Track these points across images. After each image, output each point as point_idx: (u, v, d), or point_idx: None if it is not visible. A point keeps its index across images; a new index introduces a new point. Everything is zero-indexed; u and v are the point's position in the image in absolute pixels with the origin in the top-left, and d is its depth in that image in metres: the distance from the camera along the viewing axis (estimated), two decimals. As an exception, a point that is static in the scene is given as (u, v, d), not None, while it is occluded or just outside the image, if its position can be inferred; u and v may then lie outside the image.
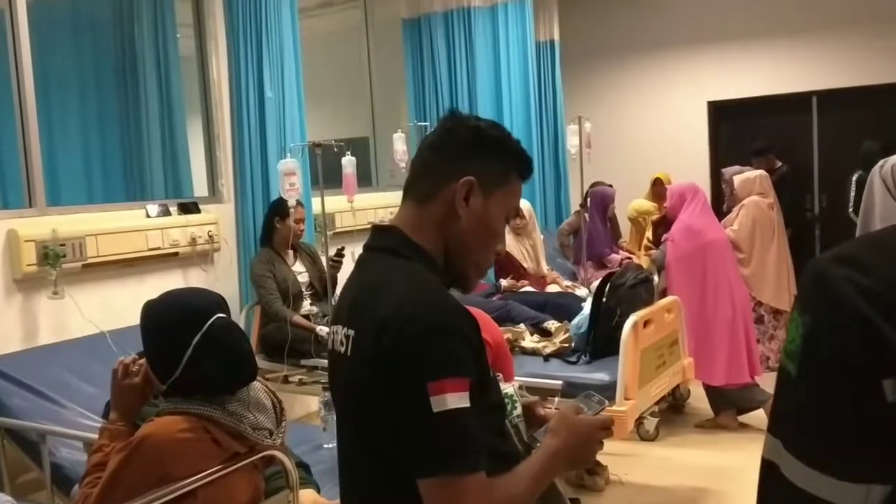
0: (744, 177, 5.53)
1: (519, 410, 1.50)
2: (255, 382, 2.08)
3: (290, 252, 4.63)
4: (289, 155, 4.18)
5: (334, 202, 4.68)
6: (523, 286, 5.23)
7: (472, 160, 1.37)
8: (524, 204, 5.49)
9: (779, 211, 5.64)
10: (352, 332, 1.32)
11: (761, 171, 5.71)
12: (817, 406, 0.81)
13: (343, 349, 1.34)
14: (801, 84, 7.52)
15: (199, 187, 5.13)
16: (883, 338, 0.76)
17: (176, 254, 4.40)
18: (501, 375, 1.62)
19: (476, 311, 3.11)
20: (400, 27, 6.65)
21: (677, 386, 4.54)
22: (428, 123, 6.12)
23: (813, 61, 7.44)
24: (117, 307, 3.96)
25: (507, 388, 1.53)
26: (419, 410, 1.18)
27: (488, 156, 1.38)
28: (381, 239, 1.41)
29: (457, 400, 1.18)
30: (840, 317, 0.79)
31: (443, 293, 1.31)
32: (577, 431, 1.37)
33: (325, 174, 3.84)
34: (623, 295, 3.88)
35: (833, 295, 0.80)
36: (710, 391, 4.82)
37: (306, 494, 2.25)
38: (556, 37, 7.54)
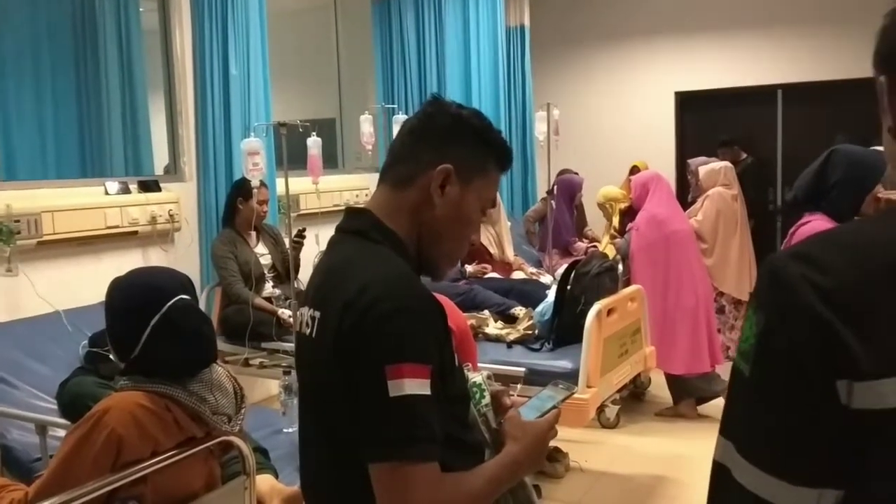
0: (709, 168, 5.56)
1: (487, 399, 1.47)
2: (217, 367, 2.06)
3: (253, 233, 4.56)
4: (252, 134, 4.10)
5: (299, 183, 4.59)
6: (488, 272, 5.22)
7: (451, 148, 1.34)
8: (490, 191, 5.46)
9: (742, 202, 5.69)
10: (317, 314, 1.29)
11: (726, 163, 5.75)
12: (769, 408, 0.79)
13: (309, 331, 1.31)
14: (766, 77, 7.59)
15: (161, 165, 5.03)
16: (837, 338, 0.74)
17: (135, 233, 4.32)
18: (470, 365, 1.59)
19: (440, 298, 3.09)
20: (369, 7, 6.57)
21: (638, 374, 4.57)
22: (396, 106, 6.06)
23: (779, 55, 7.52)
24: (73, 286, 3.87)
25: (476, 377, 1.50)
26: (375, 393, 1.16)
27: (468, 145, 1.35)
28: (352, 221, 1.38)
29: (415, 386, 1.15)
30: (794, 316, 0.77)
31: (409, 278, 1.28)
32: (535, 435, 1.36)
33: (289, 155, 3.78)
34: (587, 283, 3.88)
35: (788, 293, 0.78)
36: (671, 380, 4.87)
37: (264, 480, 2.21)
38: (527, 22, 7.51)
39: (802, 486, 0.76)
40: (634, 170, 6.53)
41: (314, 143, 3.91)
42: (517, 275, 5.46)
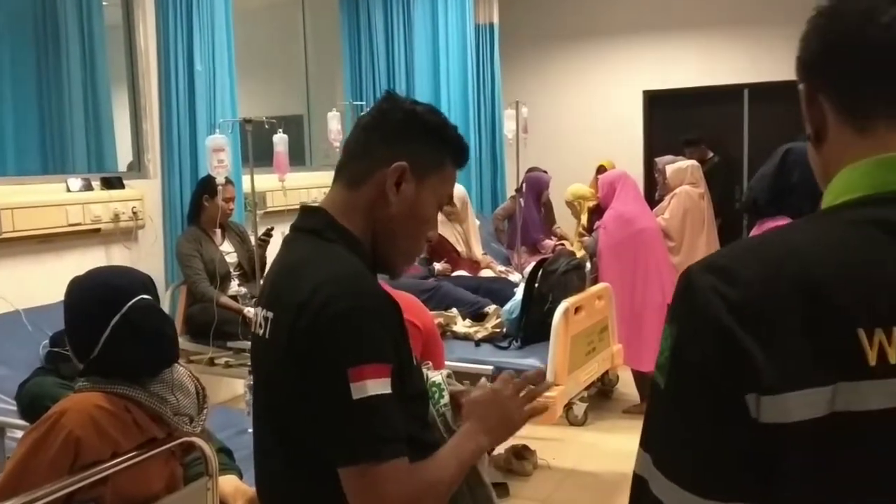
0: (676, 166, 5.60)
1: (446, 399, 1.47)
2: (179, 367, 2.03)
3: (218, 231, 4.51)
4: (218, 131, 4.06)
5: (266, 181, 4.57)
6: (456, 270, 5.22)
7: (406, 145, 1.33)
8: (457, 189, 5.47)
9: (709, 201, 5.73)
10: (270, 315, 1.28)
11: (693, 161, 5.80)
12: (682, 421, 0.79)
13: (262, 332, 1.29)
14: (733, 77, 7.67)
15: (124, 162, 4.95)
16: (744, 352, 0.74)
17: (98, 230, 4.25)
18: (431, 363, 1.58)
19: (407, 296, 3.07)
20: (337, 3, 6.53)
21: (606, 371, 4.59)
22: (364, 103, 6.03)
23: (745, 55, 7.60)
24: (34, 284, 3.79)
25: (435, 377, 1.50)
26: (338, 397, 1.15)
27: (423, 141, 1.34)
28: (306, 220, 1.37)
29: (378, 386, 1.15)
30: (702, 328, 0.77)
31: (364, 277, 1.26)
32: (488, 404, 1.36)
33: (256, 152, 3.75)
34: (555, 281, 3.89)
35: (697, 305, 0.78)
36: (639, 377, 4.89)
37: (228, 480, 2.19)
38: (496, 20, 7.51)
39: (715, 501, 0.76)
40: (601, 169, 6.57)
41: (280, 139, 3.88)
42: (485, 273, 5.45)
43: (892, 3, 0.81)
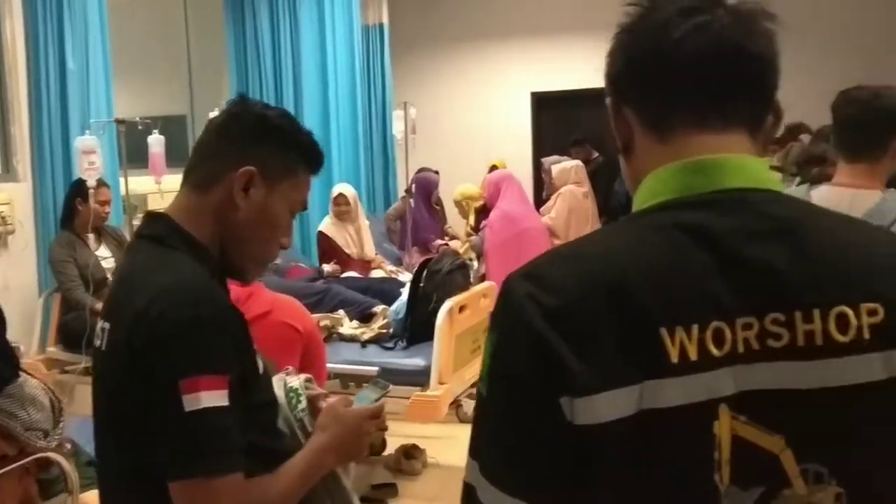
0: (561, 166, 5.74)
1: (304, 404, 1.45)
2: (31, 379, 1.93)
3: (91, 236, 4.33)
4: (89, 132, 3.90)
5: (144, 183, 4.44)
6: (346, 271, 5.20)
7: (256, 149, 1.30)
8: (348, 190, 5.46)
9: (593, 199, 5.90)
10: (107, 326, 1.24)
11: (577, 162, 5.96)
12: (503, 428, 0.81)
13: (100, 343, 1.25)
14: (617, 79, 7.89)
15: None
16: (558, 356, 0.77)
17: (-38, 236, 4.03)
18: (291, 368, 1.56)
19: (287, 299, 3.03)
20: (221, 1, 6.38)
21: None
22: (250, 103, 5.91)
23: (629, 57, 7.83)
24: None
25: (293, 382, 1.48)
26: (171, 409, 1.12)
27: (273, 146, 1.32)
28: (149, 226, 1.33)
29: (213, 398, 1.12)
30: (518, 335, 0.79)
31: (204, 285, 1.23)
32: (345, 424, 1.35)
33: (139, 153, 3.62)
34: (439, 280, 3.92)
35: (515, 313, 0.80)
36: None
37: (94, 496, 2.10)
38: (386, 21, 7.51)
39: None
40: (493, 169, 6.66)
41: (156, 140, 3.77)
42: (377, 273, 5.45)
43: (686, 17, 0.84)
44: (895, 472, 0.81)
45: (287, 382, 1.47)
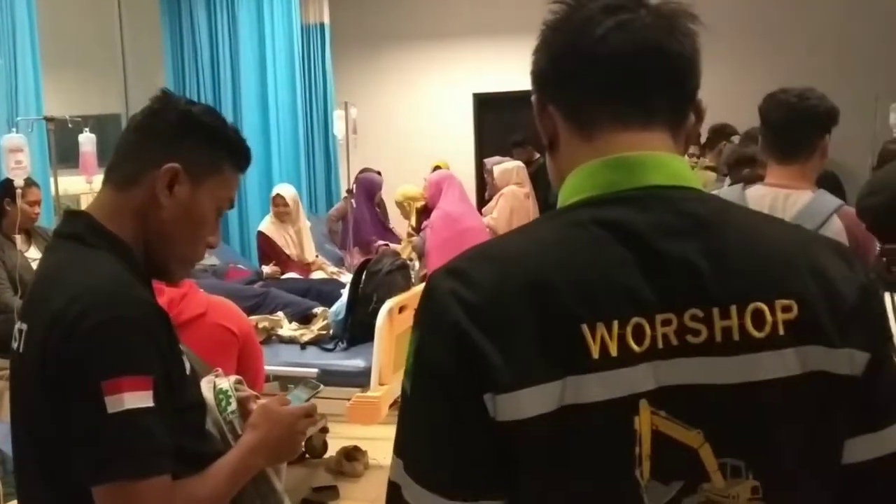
0: (502, 167, 5.78)
1: (234, 406, 1.43)
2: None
3: (21, 237, 4.20)
4: (15, 130, 3.79)
5: (77, 183, 4.32)
6: (286, 273, 5.14)
7: (180, 146, 1.27)
8: (286, 191, 5.40)
9: (534, 200, 5.95)
10: (24, 327, 1.20)
11: (518, 163, 6.01)
12: (426, 425, 0.81)
13: (17, 345, 1.21)
14: (558, 81, 7.98)
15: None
16: (481, 353, 0.77)
17: None
18: (221, 370, 1.53)
19: (222, 301, 2.99)
20: (157, -1, 6.27)
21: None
22: (188, 102, 5.81)
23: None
24: None
25: (222, 384, 1.45)
26: (93, 412, 1.09)
27: (198, 142, 1.29)
28: (69, 225, 1.29)
29: (136, 399, 1.09)
30: (440, 331, 0.79)
31: (126, 285, 1.20)
32: (277, 423, 1.34)
33: (69, 152, 3.53)
34: (379, 281, 3.91)
35: (437, 310, 0.80)
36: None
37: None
38: (327, 20, 7.45)
39: (462, 502, 0.78)
40: (437, 169, 6.68)
41: (87, 139, 3.69)
42: (318, 274, 5.41)
43: (609, 15, 0.84)
44: (809, 466, 0.83)
45: (216, 384, 1.45)
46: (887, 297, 1.88)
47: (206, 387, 1.43)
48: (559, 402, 0.76)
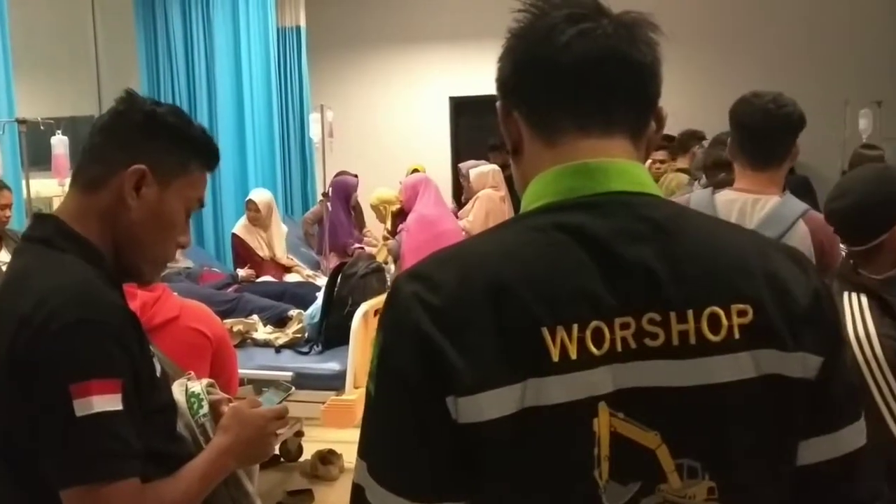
0: (478, 171, 5.80)
1: (206, 409, 1.43)
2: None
3: (-9, 241, 4.16)
4: (-14, 132, 3.76)
5: (49, 185, 4.29)
6: (261, 276, 5.13)
7: (146, 147, 1.27)
8: (259, 196, 5.40)
9: (510, 204, 5.98)
10: None
11: (494, 166, 6.03)
12: (389, 427, 0.82)
13: None
14: (533, 85, 8.02)
15: None
16: (443, 356, 0.78)
17: None
18: (193, 373, 1.53)
19: (195, 304, 2.97)
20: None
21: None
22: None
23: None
24: None
25: (194, 387, 1.46)
26: (61, 415, 1.08)
27: (164, 144, 1.29)
28: (36, 228, 1.28)
29: (105, 402, 1.09)
30: (403, 334, 0.80)
31: (94, 288, 1.19)
32: (248, 425, 1.34)
33: (42, 154, 3.49)
34: (355, 284, 3.91)
35: (401, 313, 0.81)
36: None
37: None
38: (303, 23, 7.44)
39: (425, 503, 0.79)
40: (414, 173, 6.68)
41: (60, 141, 3.66)
42: (293, 277, 5.40)
43: (572, 23, 0.86)
44: (764, 468, 0.85)
45: (188, 387, 1.45)
46: (854, 298, 1.90)
47: (178, 390, 1.43)
48: (520, 405, 0.77)
